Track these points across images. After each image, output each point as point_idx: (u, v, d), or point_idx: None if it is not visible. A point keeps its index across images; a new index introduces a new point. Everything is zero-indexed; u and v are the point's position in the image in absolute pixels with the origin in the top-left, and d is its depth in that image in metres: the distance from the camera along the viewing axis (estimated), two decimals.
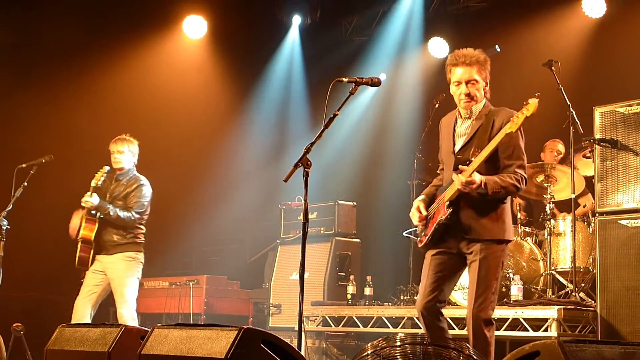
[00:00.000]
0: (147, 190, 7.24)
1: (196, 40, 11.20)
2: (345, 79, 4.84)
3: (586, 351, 3.22)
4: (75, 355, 4.75)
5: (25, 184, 7.10)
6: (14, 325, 7.61)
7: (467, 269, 4.82)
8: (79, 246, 7.12)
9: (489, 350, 4.64)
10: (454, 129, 4.92)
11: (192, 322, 9.15)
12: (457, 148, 4.85)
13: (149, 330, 4.27)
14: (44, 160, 7.21)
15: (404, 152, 10.11)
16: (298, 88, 11.92)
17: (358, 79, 4.85)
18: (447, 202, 4.72)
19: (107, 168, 7.04)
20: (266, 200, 11.03)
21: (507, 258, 4.84)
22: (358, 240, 9.40)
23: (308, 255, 4.92)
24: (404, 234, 5.15)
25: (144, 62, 10.70)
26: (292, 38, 11.83)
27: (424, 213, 4.93)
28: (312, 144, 4.61)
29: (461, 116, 4.90)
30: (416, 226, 5.06)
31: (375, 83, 4.91)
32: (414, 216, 4.98)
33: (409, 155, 9.19)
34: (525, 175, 4.76)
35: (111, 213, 6.94)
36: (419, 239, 5.00)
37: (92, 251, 7.08)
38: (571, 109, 7.07)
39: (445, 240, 4.81)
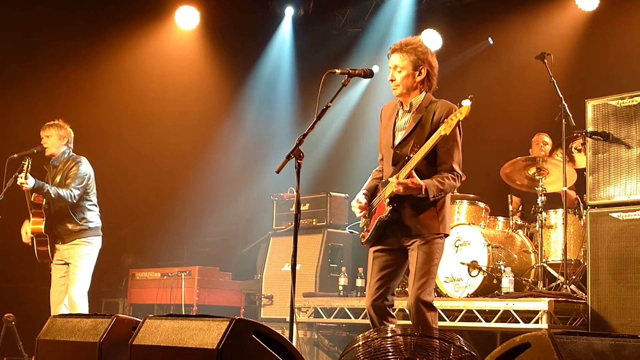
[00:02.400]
0: (84, 168, 7.20)
1: (188, 31, 11.16)
2: (337, 71, 4.84)
3: (577, 343, 3.24)
4: (67, 345, 4.76)
5: (17, 174, 7.09)
6: (6, 315, 7.62)
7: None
8: (34, 242, 7.17)
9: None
10: (395, 122, 4.90)
11: (183, 313, 9.15)
12: (396, 142, 4.83)
13: (141, 321, 4.28)
14: (35, 151, 7.21)
15: None
16: (290, 79, 11.90)
17: (351, 71, 4.85)
18: (387, 200, 4.72)
19: (29, 161, 6.94)
20: (258, 191, 11.02)
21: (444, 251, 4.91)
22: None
23: (300, 247, 4.92)
24: (347, 229, 5.12)
25: (136, 54, 10.66)
26: (285, 29, 11.79)
27: (364, 202, 4.93)
28: (305, 135, 4.61)
29: (402, 107, 4.89)
30: (358, 221, 5.07)
31: (367, 74, 4.91)
32: (355, 208, 4.97)
33: None
34: (461, 173, 4.77)
35: (51, 192, 6.93)
36: (361, 234, 5.00)
37: (48, 243, 7.14)
38: (563, 101, 7.07)
39: (386, 237, 4.82)
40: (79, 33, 10.13)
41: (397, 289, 8.04)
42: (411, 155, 4.62)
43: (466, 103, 4.46)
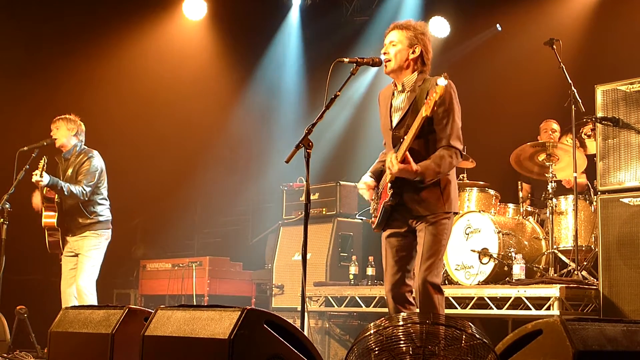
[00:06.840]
0: (97, 162, 7.26)
1: (196, 21, 11.16)
2: (346, 60, 4.83)
3: (589, 329, 3.23)
4: (79, 337, 4.78)
5: (27, 166, 7.13)
6: (18, 307, 7.66)
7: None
8: (45, 234, 7.25)
9: None
10: (391, 103, 4.86)
11: (195, 304, 9.17)
12: (393, 124, 4.80)
13: (153, 311, 4.29)
14: (45, 143, 7.26)
15: None
16: (298, 69, 11.89)
17: (359, 59, 4.84)
18: (389, 185, 4.70)
19: (45, 159, 6.99)
20: (268, 181, 11.03)
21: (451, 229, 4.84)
22: (360, 220, 9.39)
23: (310, 236, 4.92)
24: (357, 216, 5.09)
25: (144, 45, 10.67)
26: (293, 19, 11.78)
27: (369, 181, 4.92)
28: (314, 124, 4.61)
29: (397, 88, 4.85)
30: (368, 207, 5.06)
31: (376, 63, 4.90)
32: (363, 191, 4.96)
33: None
34: (460, 148, 4.70)
35: (64, 189, 7.00)
36: (371, 220, 5.00)
37: (60, 235, 7.21)
38: (573, 87, 7.04)
39: (395, 219, 4.79)
40: (87, 25, 10.14)
41: None
42: (404, 137, 4.60)
43: (441, 82, 4.38)
